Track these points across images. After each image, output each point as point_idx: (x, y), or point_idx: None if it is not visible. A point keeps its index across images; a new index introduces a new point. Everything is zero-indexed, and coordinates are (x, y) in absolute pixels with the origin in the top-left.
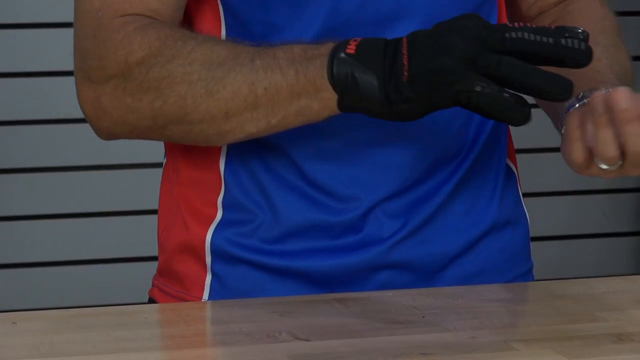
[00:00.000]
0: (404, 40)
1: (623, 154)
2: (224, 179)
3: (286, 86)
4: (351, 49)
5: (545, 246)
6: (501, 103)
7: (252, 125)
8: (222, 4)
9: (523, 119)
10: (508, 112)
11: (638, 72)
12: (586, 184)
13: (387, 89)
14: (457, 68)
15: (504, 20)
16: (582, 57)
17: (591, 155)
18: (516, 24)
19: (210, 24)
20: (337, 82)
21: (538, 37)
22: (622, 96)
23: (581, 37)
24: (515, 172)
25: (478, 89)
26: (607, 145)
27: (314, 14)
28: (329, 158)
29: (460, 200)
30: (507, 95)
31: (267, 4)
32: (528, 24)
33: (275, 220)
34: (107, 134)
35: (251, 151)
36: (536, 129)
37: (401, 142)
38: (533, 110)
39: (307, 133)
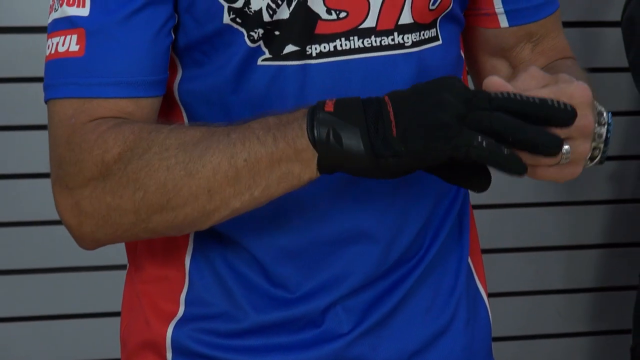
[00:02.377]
0: (385, 97)
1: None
2: (189, 276)
3: (266, 154)
4: (329, 107)
5: (501, 346)
6: (500, 156)
7: (236, 200)
8: (185, 109)
9: (520, 170)
10: (506, 165)
11: None
12: (541, 284)
13: (374, 144)
14: (453, 123)
15: None
16: (567, 115)
17: None
18: (498, 93)
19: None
20: (318, 141)
21: (525, 97)
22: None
23: (569, 108)
24: (473, 271)
25: (476, 143)
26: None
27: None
28: (293, 257)
29: (420, 297)
30: (505, 148)
31: (229, 111)
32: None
33: (237, 316)
34: (90, 241)
35: (215, 249)
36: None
37: (364, 241)
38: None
39: (270, 232)
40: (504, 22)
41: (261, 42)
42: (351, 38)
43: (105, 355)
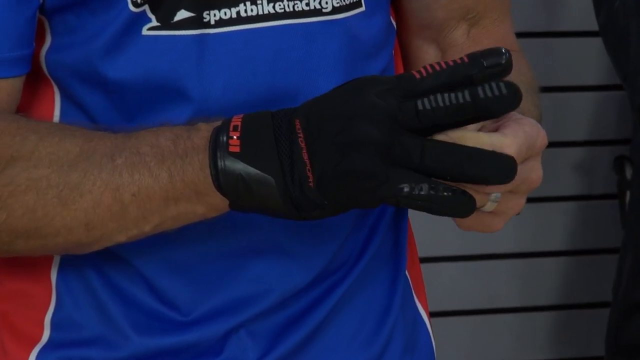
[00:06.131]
0: (297, 124)
1: None
2: (57, 293)
3: (160, 191)
4: (235, 145)
5: None
6: (436, 202)
7: (121, 235)
8: (57, 85)
9: (466, 211)
10: (447, 210)
11: None
12: (490, 301)
13: (292, 196)
14: (375, 168)
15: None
16: (507, 103)
17: None
18: (423, 71)
19: (42, 105)
20: (226, 189)
21: (454, 99)
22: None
23: (504, 61)
24: (411, 287)
25: (406, 190)
26: None
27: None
28: (183, 271)
29: (345, 319)
30: (440, 191)
31: (108, 91)
32: (437, 66)
33: (115, 342)
34: None
35: (87, 259)
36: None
37: (276, 254)
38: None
39: (155, 242)
40: None
41: (146, 7)
42: (259, 2)
43: None
